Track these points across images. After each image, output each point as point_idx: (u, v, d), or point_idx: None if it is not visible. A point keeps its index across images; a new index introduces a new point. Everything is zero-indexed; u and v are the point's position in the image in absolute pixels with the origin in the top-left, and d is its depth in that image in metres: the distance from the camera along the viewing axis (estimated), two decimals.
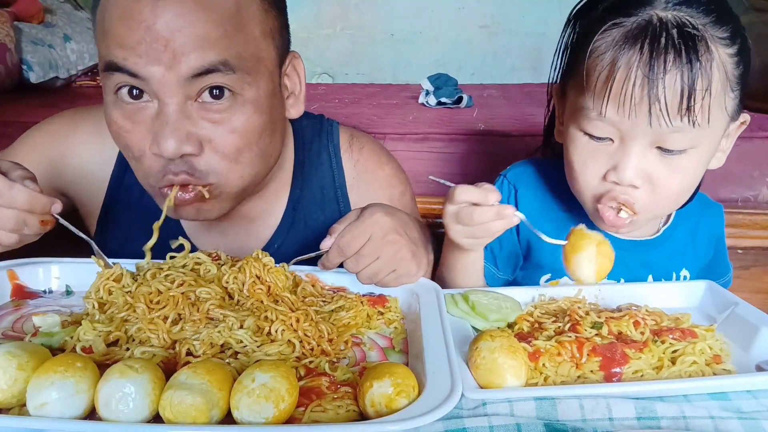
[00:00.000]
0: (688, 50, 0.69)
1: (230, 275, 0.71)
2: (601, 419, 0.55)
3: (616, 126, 0.74)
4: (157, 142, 0.69)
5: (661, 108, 0.69)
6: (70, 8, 2.61)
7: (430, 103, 2.06)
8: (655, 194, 0.77)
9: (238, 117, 0.72)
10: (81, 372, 0.52)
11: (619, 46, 0.72)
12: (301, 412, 0.53)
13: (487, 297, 0.75)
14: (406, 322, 0.74)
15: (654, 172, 0.75)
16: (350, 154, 0.99)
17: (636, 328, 0.68)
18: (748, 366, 0.65)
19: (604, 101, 0.73)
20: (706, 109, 0.70)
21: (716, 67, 0.71)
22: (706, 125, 0.72)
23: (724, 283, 0.99)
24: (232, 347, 0.62)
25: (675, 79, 0.69)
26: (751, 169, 1.46)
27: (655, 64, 0.69)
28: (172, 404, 0.50)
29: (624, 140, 0.75)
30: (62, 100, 1.91)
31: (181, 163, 0.71)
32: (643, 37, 0.70)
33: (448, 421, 0.53)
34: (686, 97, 0.69)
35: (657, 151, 0.74)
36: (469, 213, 0.73)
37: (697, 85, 0.69)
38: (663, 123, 0.70)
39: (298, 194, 0.96)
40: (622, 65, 0.71)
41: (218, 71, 0.69)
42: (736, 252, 1.42)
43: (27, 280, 0.79)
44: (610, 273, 0.86)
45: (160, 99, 0.69)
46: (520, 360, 0.59)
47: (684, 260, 0.93)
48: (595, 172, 0.78)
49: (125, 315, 0.65)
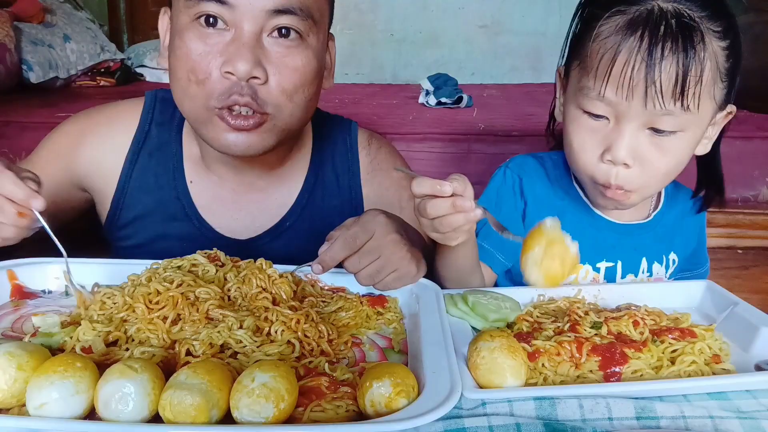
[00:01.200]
0: (684, 39, 0.74)
1: (233, 284, 0.72)
2: (600, 419, 0.55)
3: (614, 106, 0.78)
4: (233, 62, 0.76)
5: (656, 91, 0.74)
6: (70, 8, 2.61)
7: (430, 103, 2.07)
8: (645, 174, 0.81)
9: (300, 58, 0.80)
10: (80, 372, 0.52)
11: (622, 32, 0.76)
12: (300, 412, 0.53)
13: (486, 297, 0.75)
14: (406, 323, 0.74)
15: (645, 152, 0.79)
16: (368, 151, 1.05)
17: (635, 328, 0.68)
18: (747, 366, 0.65)
19: (604, 82, 0.77)
20: (696, 95, 0.75)
21: (708, 58, 0.75)
22: (696, 110, 0.76)
23: (702, 274, 1.03)
24: (232, 347, 0.62)
25: (671, 65, 0.74)
26: (751, 169, 1.46)
27: (654, 50, 0.74)
28: (171, 404, 0.50)
29: (619, 120, 0.79)
30: (62, 100, 1.91)
31: (247, 87, 0.77)
32: (644, 24, 0.75)
33: (447, 421, 0.53)
34: (680, 83, 0.74)
35: (648, 132, 0.79)
36: (424, 206, 0.71)
37: (691, 72, 0.74)
38: (657, 105, 0.75)
39: (313, 179, 1.01)
40: (623, 49, 0.75)
41: (294, 14, 0.78)
42: (736, 252, 1.42)
43: (26, 280, 0.79)
44: (606, 255, 0.90)
45: (240, 27, 0.76)
46: (519, 360, 0.59)
47: (673, 244, 0.96)
48: (592, 151, 0.82)
49: (124, 315, 0.65)
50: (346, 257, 0.74)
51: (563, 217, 0.79)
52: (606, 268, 0.93)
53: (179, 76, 0.81)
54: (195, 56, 0.78)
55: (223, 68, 0.77)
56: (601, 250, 0.93)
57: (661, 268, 0.96)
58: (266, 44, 0.78)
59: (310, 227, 0.99)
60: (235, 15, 0.76)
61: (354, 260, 0.74)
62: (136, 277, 0.71)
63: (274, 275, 0.73)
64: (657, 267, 0.95)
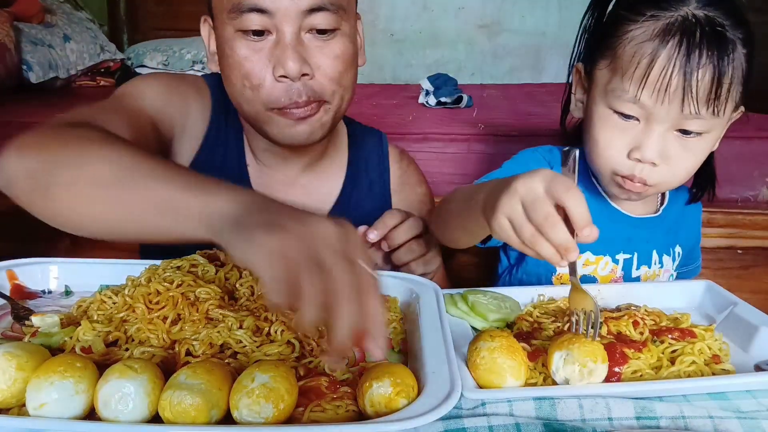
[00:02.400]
0: (719, 46, 0.77)
1: (246, 281, 0.72)
2: (600, 419, 0.55)
3: (647, 109, 0.80)
4: (282, 64, 0.81)
5: (692, 96, 0.77)
6: (69, 8, 2.61)
7: (430, 103, 2.07)
8: (669, 172, 0.84)
9: (339, 46, 0.86)
10: (80, 372, 0.52)
11: (659, 38, 0.78)
12: (300, 412, 0.53)
13: (486, 297, 0.75)
14: (406, 322, 0.74)
15: (671, 152, 0.82)
16: (399, 165, 1.13)
17: (635, 328, 0.68)
18: (747, 366, 0.65)
19: (641, 87, 0.79)
20: (725, 100, 0.78)
21: (737, 65, 0.78)
22: (722, 114, 0.80)
23: (695, 269, 1.06)
24: (232, 347, 0.62)
25: (707, 71, 0.77)
26: (751, 169, 1.46)
27: (692, 56, 0.76)
28: (171, 404, 0.50)
29: (650, 122, 0.81)
30: (62, 100, 1.91)
31: (301, 86, 0.84)
32: (680, 31, 0.77)
33: (447, 421, 0.53)
34: (714, 89, 0.77)
35: (677, 134, 0.82)
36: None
37: (725, 79, 0.77)
38: (692, 110, 0.78)
39: (351, 185, 1.07)
40: (661, 56, 0.77)
41: (327, 9, 0.83)
42: (736, 252, 1.42)
43: (26, 280, 0.78)
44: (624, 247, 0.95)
45: (280, 30, 0.82)
46: (519, 360, 0.59)
47: (678, 237, 0.99)
48: (619, 149, 0.85)
49: (124, 315, 0.65)
50: (407, 240, 0.87)
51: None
52: (624, 260, 0.96)
53: (234, 83, 0.86)
54: (246, 64, 0.84)
55: (276, 73, 0.82)
56: (619, 243, 0.96)
57: (669, 261, 0.98)
58: (306, 41, 0.84)
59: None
60: (275, 20, 0.81)
61: (414, 245, 0.88)
62: (135, 278, 0.71)
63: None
64: (666, 259, 0.98)
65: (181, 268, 0.73)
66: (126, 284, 0.71)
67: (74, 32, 2.42)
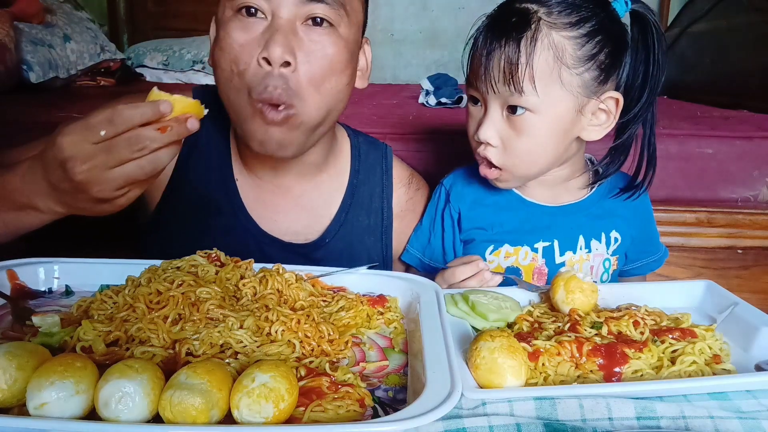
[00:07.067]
0: (515, 32, 0.85)
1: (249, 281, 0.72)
2: (600, 419, 0.55)
3: (480, 94, 0.91)
4: (267, 46, 0.80)
5: (492, 78, 0.87)
6: (70, 8, 2.61)
7: (430, 103, 2.06)
8: (506, 152, 0.92)
9: (331, 46, 0.84)
10: (81, 372, 0.52)
11: (478, 32, 0.91)
12: (301, 412, 0.53)
13: (486, 297, 0.75)
14: (406, 322, 0.74)
15: (504, 133, 0.90)
16: (407, 189, 1.12)
17: (636, 328, 0.68)
18: (747, 366, 0.65)
19: (471, 75, 0.92)
20: (530, 79, 0.85)
21: (544, 47, 0.84)
22: (532, 92, 0.85)
23: (655, 261, 1.10)
24: (232, 347, 0.62)
25: (500, 55, 0.86)
26: (751, 169, 1.46)
27: (489, 44, 0.87)
28: (172, 404, 0.50)
29: (485, 105, 0.91)
30: (62, 100, 1.91)
31: (279, 78, 0.81)
32: (490, 23, 0.89)
33: (447, 420, 0.53)
34: (507, 70, 0.85)
35: (506, 114, 0.90)
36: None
37: (521, 60, 0.84)
38: (492, 90, 0.88)
39: (350, 200, 1.06)
40: (476, 47, 0.90)
41: (326, 2, 0.82)
42: (736, 252, 1.42)
43: (27, 280, 0.79)
44: (542, 235, 1.01)
45: (276, 14, 0.82)
46: (519, 360, 0.59)
47: (613, 223, 1.03)
48: (469, 133, 0.96)
49: (125, 315, 0.65)
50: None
51: (497, 210, 1.01)
52: (543, 247, 1.00)
53: (223, 68, 0.85)
54: (237, 46, 0.82)
55: (260, 55, 0.81)
56: (536, 232, 1.00)
57: (600, 245, 1.01)
58: (300, 32, 0.83)
59: (345, 244, 1.04)
60: (272, 4, 0.81)
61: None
62: (135, 278, 0.71)
63: (291, 279, 0.74)
64: (595, 243, 1.01)
65: (182, 268, 0.73)
66: (126, 284, 0.71)
67: (74, 32, 2.42)
